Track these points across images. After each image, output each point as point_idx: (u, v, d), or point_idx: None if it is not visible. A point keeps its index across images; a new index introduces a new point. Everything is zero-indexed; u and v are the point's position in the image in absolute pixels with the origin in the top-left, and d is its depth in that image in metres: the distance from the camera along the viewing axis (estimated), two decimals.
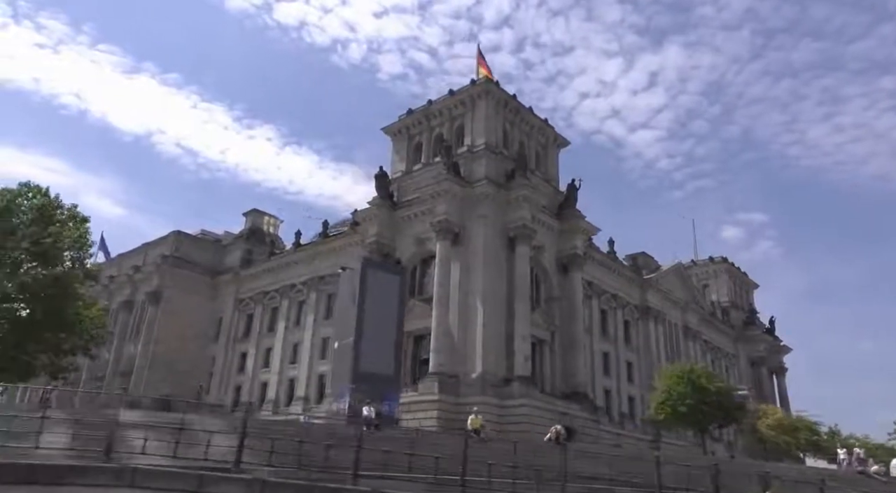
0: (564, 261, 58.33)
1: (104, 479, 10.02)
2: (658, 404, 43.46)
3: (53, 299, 31.11)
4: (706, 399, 39.61)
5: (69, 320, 32.31)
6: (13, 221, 32.13)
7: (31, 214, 32.67)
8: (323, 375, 63.77)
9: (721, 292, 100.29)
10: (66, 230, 32.85)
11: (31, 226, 32.07)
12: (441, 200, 53.20)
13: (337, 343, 27.81)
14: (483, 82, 59.59)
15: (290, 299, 71.46)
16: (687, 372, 42.36)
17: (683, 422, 43.28)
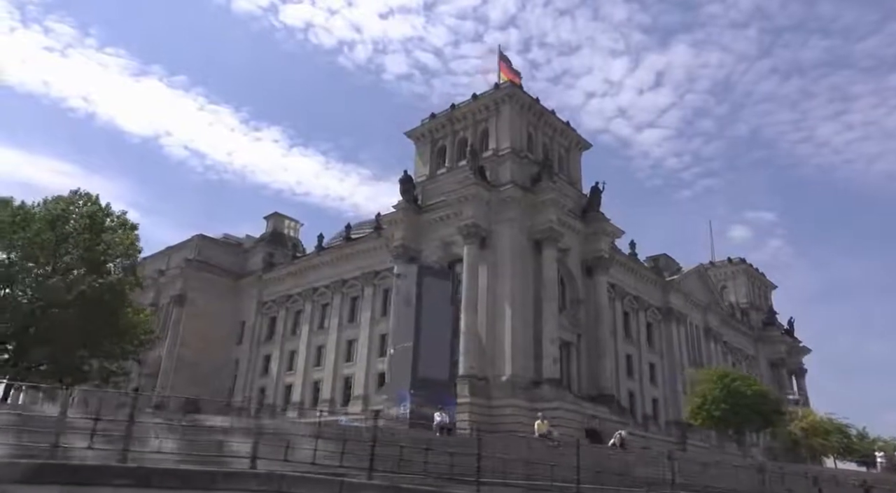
0: (589, 264, 58.60)
1: (254, 484, 10.42)
2: (693, 408, 43.55)
3: (108, 305, 31.75)
4: (743, 403, 39.71)
5: (122, 326, 32.95)
6: (67, 229, 32.83)
7: (83, 221, 33.37)
8: (349, 377, 64.39)
9: (739, 293, 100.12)
10: (116, 237, 33.51)
11: (83, 233, 32.77)
12: (468, 204, 53.59)
13: (392, 348, 28.21)
14: (507, 86, 59.98)
15: (314, 302, 72.04)
16: (722, 376, 42.46)
17: (720, 427, 43.36)
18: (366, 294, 66.34)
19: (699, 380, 45.16)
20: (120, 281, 33.43)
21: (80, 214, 33.73)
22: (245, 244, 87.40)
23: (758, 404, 40.04)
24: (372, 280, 66.03)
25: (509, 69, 65.69)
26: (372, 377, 61.47)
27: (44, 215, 32.61)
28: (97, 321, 30.95)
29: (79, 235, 32.75)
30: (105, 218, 34.63)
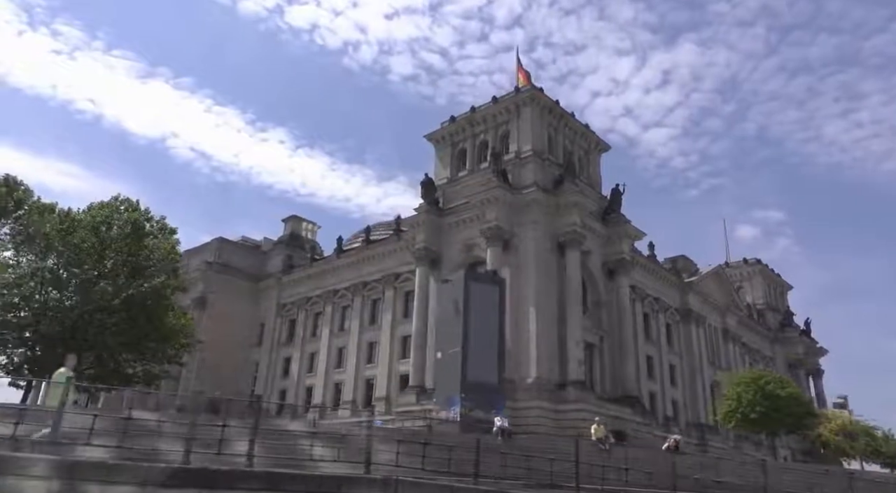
0: (611, 266, 58.76)
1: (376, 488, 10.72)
2: (726, 411, 43.59)
3: (152, 309, 32.28)
4: (778, 406, 39.73)
5: (166, 329, 33.46)
6: (110, 235, 33.36)
7: (125, 227, 33.91)
8: (371, 379, 64.82)
9: (756, 294, 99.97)
10: (158, 242, 34.03)
11: (126, 239, 33.30)
12: (491, 207, 53.86)
13: (440, 353, 28.58)
14: (528, 89, 60.25)
15: (334, 304, 72.53)
16: (756, 378, 42.49)
17: (754, 429, 43.38)
18: (387, 297, 66.76)
19: (731, 382, 45.15)
20: (164, 285, 34.00)
21: (122, 220, 34.32)
22: (263, 247, 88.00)
23: (792, 407, 40.08)
24: (393, 283, 66.44)
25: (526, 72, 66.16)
26: (394, 379, 61.86)
27: (89, 222, 33.21)
28: (142, 325, 31.51)
29: (122, 241, 33.32)
30: (145, 223, 35.25)
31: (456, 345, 27.92)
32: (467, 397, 26.61)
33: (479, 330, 29.01)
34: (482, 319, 29.55)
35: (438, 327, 30.51)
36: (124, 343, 31.57)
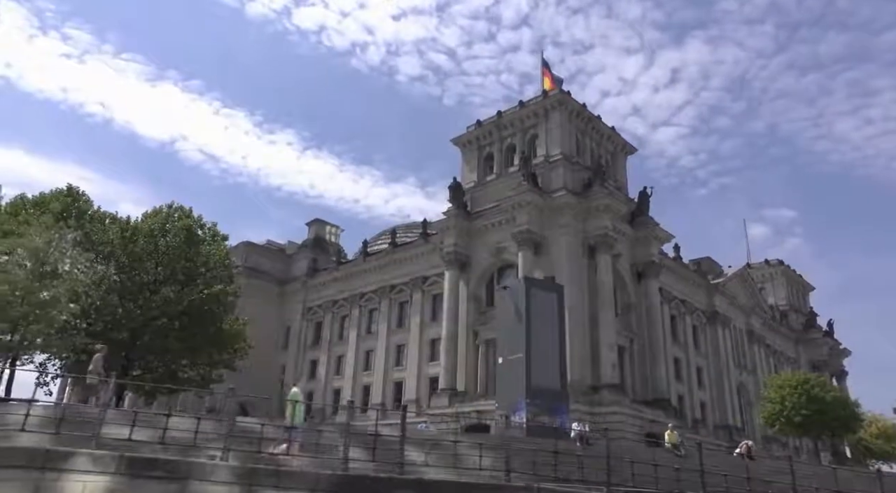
0: (640, 268, 58.93)
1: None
2: (770, 414, 43.65)
3: (212, 315, 32.98)
4: (823, 410, 39.73)
5: (223, 335, 34.14)
6: (168, 242, 34.13)
7: (180, 234, 34.65)
8: (400, 382, 65.34)
9: (779, 295, 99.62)
10: (212, 249, 34.71)
11: (182, 246, 34.04)
12: (522, 211, 54.23)
13: (500, 359, 29.07)
14: (557, 93, 60.60)
15: (361, 307, 73.12)
16: (802, 382, 42.52)
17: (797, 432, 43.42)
18: (414, 299, 67.28)
19: (774, 385, 45.19)
20: (221, 292, 34.69)
21: (177, 227, 35.06)
22: (287, 250, 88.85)
23: (837, 410, 40.08)
24: (420, 286, 66.95)
25: (552, 75, 66.52)
26: (424, 382, 62.37)
27: (146, 229, 33.96)
28: (202, 331, 32.20)
29: (178, 248, 34.05)
30: (198, 230, 35.97)
31: (517, 351, 28.38)
32: (532, 403, 27.08)
33: (541, 336, 29.44)
34: (543, 325, 29.99)
35: (499, 333, 30.98)
36: (187, 348, 32.31)
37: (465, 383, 55.11)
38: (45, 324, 24.21)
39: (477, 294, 58.58)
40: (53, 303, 24.53)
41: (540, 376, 28.45)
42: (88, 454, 9.52)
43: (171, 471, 9.48)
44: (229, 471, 9.79)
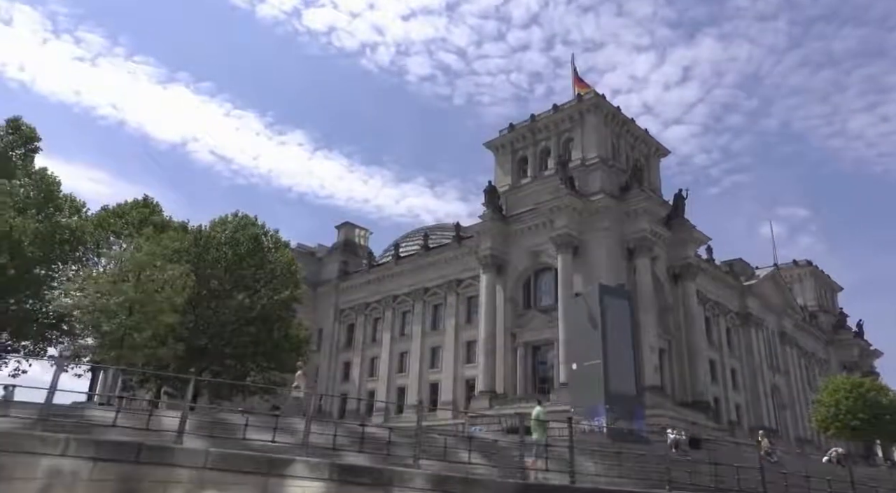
0: (677, 270, 59.04)
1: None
2: (823, 418, 43.61)
3: (279, 320, 33.80)
4: (880, 414, 39.61)
5: (291, 340, 34.96)
6: (239, 251, 35.02)
7: (249, 243, 35.53)
8: (435, 384, 65.90)
9: (807, 296, 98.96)
10: (280, 256, 35.57)
11: (251, 253, 34.92)
12: (561, 214, 54.60)
13: (575, 365, 29.59)
14: (592, 97, 60.88)
15: (394, 309, 73.79)
16: (856, 385, 42.43)
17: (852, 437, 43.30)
18: (449, 302, 67.84)
19: (827, 389, 45.10)
20: (289, 297, 35.50)
21: (246, 236, 35.90)
22: (318, 253, 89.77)
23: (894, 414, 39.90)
24: (455, 288, 67.49)
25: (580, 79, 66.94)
26: (460, 384, 62.93)
27: (219, 238, 34.86)
28: (274, 336, 33.01)
29: (248, 256, 34.90)
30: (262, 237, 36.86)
31: (592, 357, 28.87)
32: (612, 408, 27.55)
33: (615, 342, 29.90)
34: (616, 331, 30.46)
35: (572, 340, 31.53)
36: (258, 352, 33.16)
37: (503, 386, 55.58)
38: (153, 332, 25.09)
39: (514, 297, 59.00)
40: (158, 312, 25.44)
41: (616, 381, 28.90)
42: (305, 462, 10.12)
43: (377, 478, 10.06)
44: (425, 478, 10.35)
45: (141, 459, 9.33)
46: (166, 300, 26.19)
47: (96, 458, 9.24)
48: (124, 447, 9.57)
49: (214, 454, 9.83)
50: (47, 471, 8.93)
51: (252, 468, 10.06)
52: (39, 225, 27.65)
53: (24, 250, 26.49)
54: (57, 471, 8.95)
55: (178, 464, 9.47)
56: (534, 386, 55.23)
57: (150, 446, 9.70)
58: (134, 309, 25.00)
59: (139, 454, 9.37)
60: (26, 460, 8.89)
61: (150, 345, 25.69)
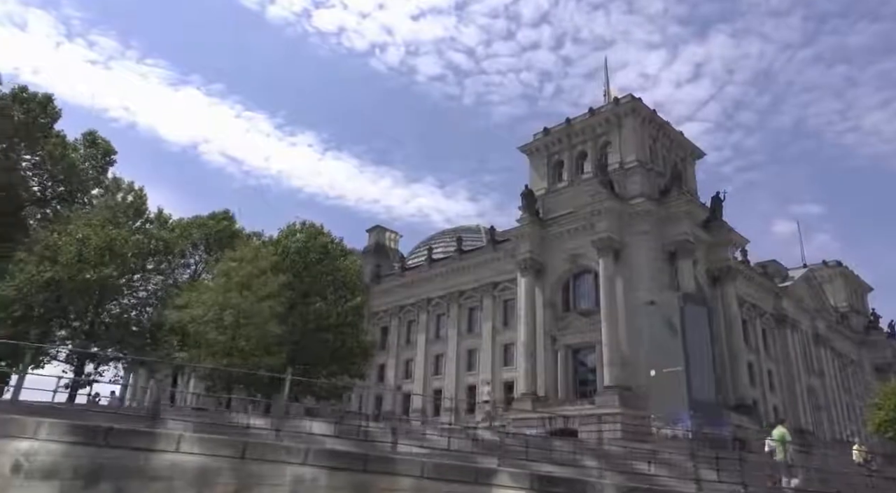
0: (716, 273, 59.15)
1: None
2: (880, 421, 43.62)
3: (351, 326, 34.57)
4: None
5: (362, 345, 35.70)
6: (310, 258, 35.85)
7: (319, 251, 36.35)
8: (472, 386, 66.40)
9: (838, 296, 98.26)
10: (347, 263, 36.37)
11: (321, 262, 35.74)
12: (602, 218, 54.88)
13: (653, 371, 30.04)
14: (629, 100, 61.09)
15: (429, 312, 74.39)
16: None
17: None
18: (485, 305, 68.35)
19: (885, 391, 45.10)
20: (361, 303, 36.26)
21: (317, 245, 36.73)
22: None
23: None
24: (491, 291, 67.98)
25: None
26: (498, 386, 63.36)
27: (294, 248, 35.72)
28: (347, 342, 33.77)
29: (318, 264, 35.72)
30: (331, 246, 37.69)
31: (672, 364, 29.32)
32: (695, 415, 27.95)
33: (695, 349, 30.27)
34: (696, 338, 30.83)
35: (650, 346, 31.95)
36: (337, 359, 33.95)
37: (545, 388, 55.96)
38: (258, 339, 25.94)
39: (553, 300, 59.33)
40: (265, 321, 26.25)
41: (698, 388, 29.27)
42: (508, 472, 10.70)
43: (571, 489, 10.58)
44: (614, 489, 10.89)
45: (368, 468, 9.94)
46: (269, 310, 26.99)
47: (331, 467, 9.87)
48: (354, 457, 10.17)
49: (429, 464, 10.40)
50: (292, 479, 9.58)
51: (462, 477, 10.60)
52: (136, 237, 28.62)
53: (127, 261, 27.48)
54: (300, 479, 9.60)
55: (399, 473, 10.06)
56: (575, 389, 55.57)
57: (376, 456, 10.29)
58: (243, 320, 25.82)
59: (367, 464, 9.98)
60: (275, 468, 9.56)
61: (256, 353, 26.49)
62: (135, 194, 31.83)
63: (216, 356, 26.37)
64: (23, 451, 9.17)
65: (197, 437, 9.89)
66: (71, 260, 25.25)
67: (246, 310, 26.26)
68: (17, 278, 25.24)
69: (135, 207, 31.51)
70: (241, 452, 9.62)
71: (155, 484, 9.20)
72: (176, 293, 29.90)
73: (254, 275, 27.24)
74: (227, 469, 9.46)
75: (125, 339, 27.54)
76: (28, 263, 25.69)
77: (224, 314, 26.27)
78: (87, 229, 26.27)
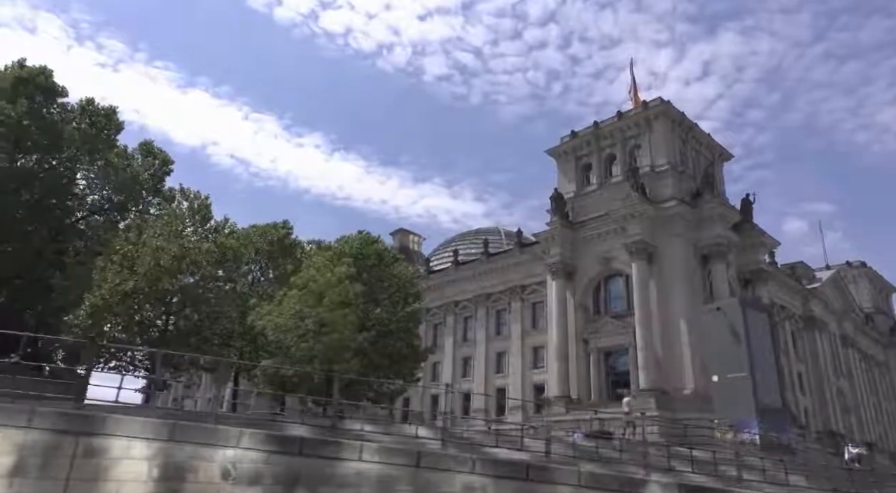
0: (747, 276, 59.19)
1: None
2: None
3: (407, 332, 35.13)
4: None
5: (416, 351, 36.25)
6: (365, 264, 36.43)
7: (374, 258, 36.96)
8: (502, 388, 66.74)
9: (863, 297, 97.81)
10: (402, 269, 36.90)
11: (377, 268, 36.30)
12: (634, 221, 55.08)
13: (716, 377, 30.38)
14: (658, 104, 61.25)
15: (456, 315, 74.79)
16: None
17: None
18: (513, 308, 68.67)
19: None
20: (417, 309, 36.80)
21: (372, 252, 37.33)
22: None
23: None
24: (519, 294, 68.30)
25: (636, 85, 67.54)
26: (528, 389, 63.69)
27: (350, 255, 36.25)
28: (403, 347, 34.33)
29: (373, 269, 36.28)
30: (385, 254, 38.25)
31: (736, 370, 29.63)
32: (762, 421, 28.28)
33: (760, 356, 30.60)
34: (758, 344, 31.15)
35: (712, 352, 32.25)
36: (395, 363, 34.50)
37: (577, 391, 56.21)
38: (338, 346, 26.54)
39: (584, 303, 59.56)
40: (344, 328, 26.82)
41: (764, 394, 29.58)
42: (657, 482, 11.11)
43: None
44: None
45: (530, 477, 10.36)
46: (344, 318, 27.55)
47: (497, 475, 10.31)
48: (516, 466, 10.61)
49: (585, 473, 10.81)
50: (462, 487, 10.01)
51: (616, 486, 11.02)
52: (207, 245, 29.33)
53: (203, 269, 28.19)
54: (470, 486, 10.04)
55: (559, 482, 10.48)
56: (608, 391, 55.80)
57: (536, 465, 10.71)
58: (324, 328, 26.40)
59: (528, 473, 10.40)
60: (447, 476, 10.00)
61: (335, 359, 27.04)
62: (200, 203, 32.57)
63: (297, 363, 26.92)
64: (230, 458, 9.69)
65: (375, 447, 10.35)
66: (150, 269, 26.00)
67: (325, 318, 26.84)
68: (102, 287, 26.03)
69: (201, 215, 32.25)
70: (416, 461, 10.06)
71: (343, 491, 9.66)
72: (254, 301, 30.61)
73: (331, 284, 27.84)
74: (404, 477, 9.92)
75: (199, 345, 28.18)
76: (109, 271, 26.50)
77: (306, 322, 26.86)
78: (161, 240, 26.98)
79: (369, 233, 39.21)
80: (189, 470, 10.16)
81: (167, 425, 10.95)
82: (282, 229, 36.54)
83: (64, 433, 10.85)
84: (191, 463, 10.14)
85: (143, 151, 32.44)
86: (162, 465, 10.46)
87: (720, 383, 30.55)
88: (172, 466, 10.33)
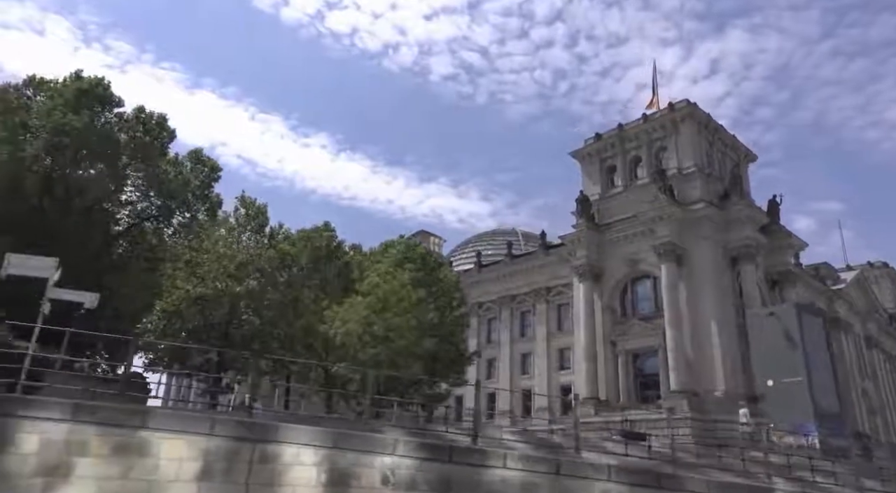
0: (775, 277, 59.22)
1: None
2: None
3: (456, 336, 35.65)
4: None
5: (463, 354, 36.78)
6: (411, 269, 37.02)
7: (419, 263, 37.55)
8: (528, 390, 67.05)
9: (885, 298, 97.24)
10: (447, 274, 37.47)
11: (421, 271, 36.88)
12: (663, 224, 55.28)
13: (770, 381, 30.76)
14: (685, 106, 61.39)
15: (480, 316, 75.08)
16: None
17: None
18: (538, 309, 69.05)
19: None
20: (464, 314, 37.35)
21: (416, 256, 37.90)
22: None
23: None
24: (545, 296, 68.66)
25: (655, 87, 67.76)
26: (554, 390, 64.02)
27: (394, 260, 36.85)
28: (449, 351, 34.89)
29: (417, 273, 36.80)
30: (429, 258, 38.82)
31: (791, 375, 29.95)
32: (821, 426, 28.64)
33: (815, 360, 30.92)
34: (814, 349, 31.47)
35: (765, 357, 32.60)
36: (445, 367, 35.05)
37: (606, 393, 56.48)
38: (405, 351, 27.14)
39: (611, 305, 59.81)
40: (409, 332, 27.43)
41: (820, 398, 29.89)
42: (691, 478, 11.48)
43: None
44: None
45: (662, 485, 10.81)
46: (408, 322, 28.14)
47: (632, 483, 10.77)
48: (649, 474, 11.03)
49: (713, 482, 11.24)
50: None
51: (645, 481, 11.43)
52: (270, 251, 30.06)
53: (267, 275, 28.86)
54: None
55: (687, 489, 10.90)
56: (637, 393, 56.07)
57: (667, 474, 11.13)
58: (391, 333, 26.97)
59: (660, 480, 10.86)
60: (585, 484, 10.47)
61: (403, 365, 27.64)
62: (257, 209, 33.31)
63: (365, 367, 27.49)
64: (388, 465, 10.19)
65: (517, 454, 10.83)
66: (218, 276, 26.70)
67: (392, 324, 27.43)
68: (173, 294, 26.76)
69: (258, 222, 32.97)
70: (556, 468, 10.52)
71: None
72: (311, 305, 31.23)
73: (395, 290, 28.44)
74: (545, 484, 10.38)
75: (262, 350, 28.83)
76: (177, 277, 27.28)
77: (373, 328, 27.46)
78: (222, 246, 27.71)
79: (413, 238, 39.69)
80: (353, 476, 10.78)
81: (330, 433, 11.58)
82: (325, 233, 37.10)
83: (242, 440, 11.70)
84: (354, 469, 10.78)
85: (192, 158, 33.18)
86: (328, 471, 11.12)
87: (775, 388, 30.83)
88: (337, 472, 10.96)
